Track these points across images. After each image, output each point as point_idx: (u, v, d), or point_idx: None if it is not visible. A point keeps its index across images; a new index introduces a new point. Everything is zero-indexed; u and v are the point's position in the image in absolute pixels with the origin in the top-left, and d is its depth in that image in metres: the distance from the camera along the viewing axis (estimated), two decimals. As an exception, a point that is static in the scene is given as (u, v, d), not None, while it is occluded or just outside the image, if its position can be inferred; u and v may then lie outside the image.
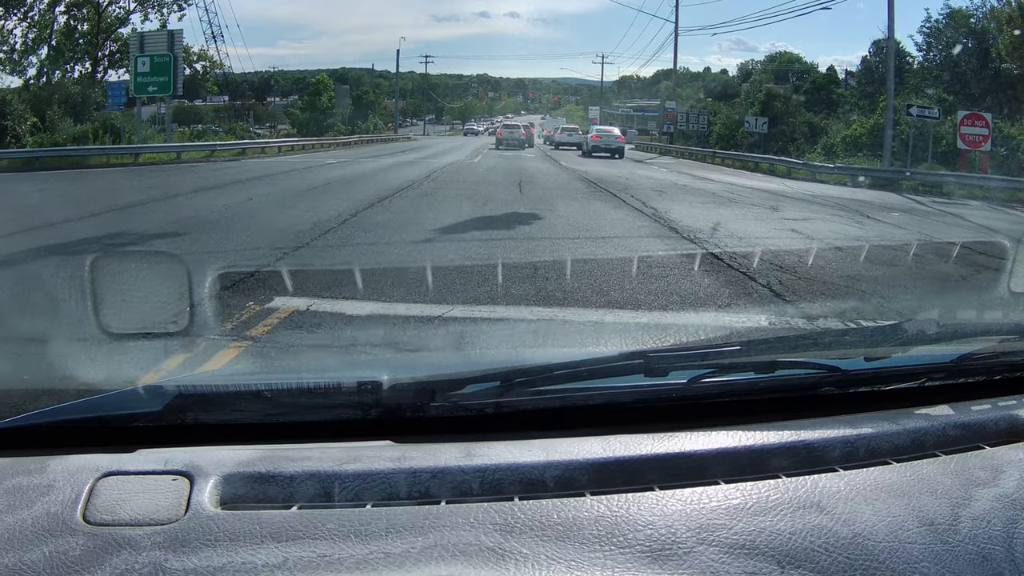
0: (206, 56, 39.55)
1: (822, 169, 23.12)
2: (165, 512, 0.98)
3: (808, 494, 1.06)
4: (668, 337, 4.22)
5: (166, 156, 23.13)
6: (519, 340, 4.13)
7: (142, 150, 22.72)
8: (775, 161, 25.93)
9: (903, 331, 1.69)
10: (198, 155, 24.19)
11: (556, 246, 6.94)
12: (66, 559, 0.90)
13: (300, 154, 28.58)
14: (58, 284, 4.92)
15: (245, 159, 24.45)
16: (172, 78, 26.48)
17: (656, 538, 0.96)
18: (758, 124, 32.03)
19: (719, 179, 20.11)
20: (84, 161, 20.26)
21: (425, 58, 72.70)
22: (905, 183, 20.44)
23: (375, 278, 5.30)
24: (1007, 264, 6.25)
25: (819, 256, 7.04)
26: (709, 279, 5.96)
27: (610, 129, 34.63)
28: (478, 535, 0.95)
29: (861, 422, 1.26)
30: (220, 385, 1.27)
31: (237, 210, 9.97)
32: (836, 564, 0.93)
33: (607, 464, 1.11)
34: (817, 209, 12.91)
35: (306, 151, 30.52)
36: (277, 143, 31.36)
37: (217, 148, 25.36)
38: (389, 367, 1.39)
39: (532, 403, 1.28)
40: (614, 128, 35.20)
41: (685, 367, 1.37)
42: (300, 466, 1.07)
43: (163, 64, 26.47)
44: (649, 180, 18.22)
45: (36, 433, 1.17)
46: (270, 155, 27.01)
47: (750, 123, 32.51)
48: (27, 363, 2.71)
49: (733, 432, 1.20)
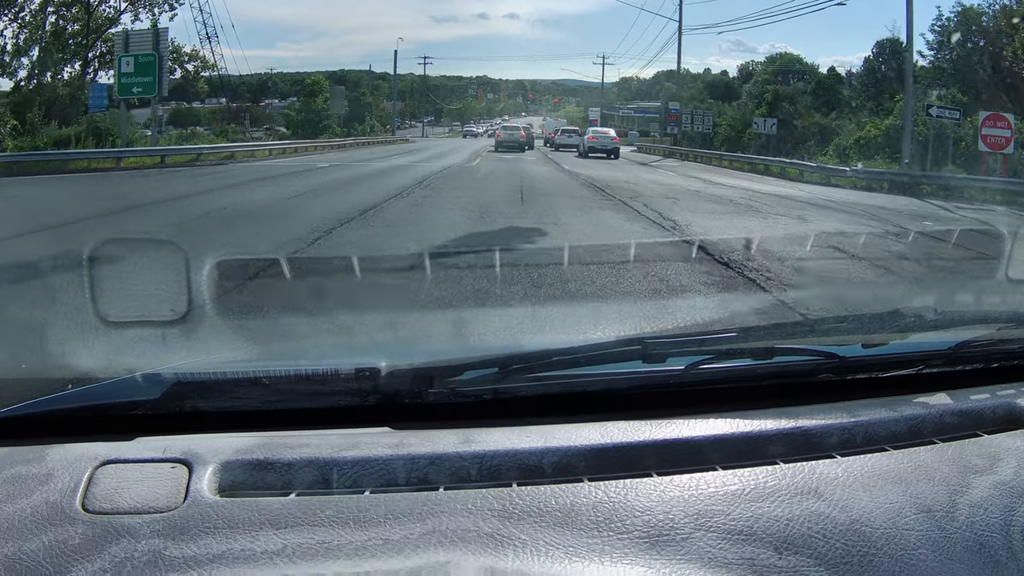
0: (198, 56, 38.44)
1: (837, 173, 21.97)
2: (164, 500, 0.99)
3: (805, 480, 1.07)
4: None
5: (150, 160, 22.02)
6: (517, 327, 3.87)
7: (124, 154, 21.67)
8: (787, 164, 24.72)
9: (901, 318, 1.71)
10: (183, 159, 23.10)
11: (567, 276, 5.75)
12: (65, 548, 0.91)
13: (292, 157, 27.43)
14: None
15: (233, 163, 23.24)
16: (157, 78, 25.43)
17: (654, 524, 0.97)
18: (767, 125, 30.99)
19: (731, 183, 18.97)
20: (65, 166, 19.38)
21: (424, 59, 71.38)
22: (925, 187, 19.36)
23: (332, 329, 4.01)
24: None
25: (902, 294, 5.88)
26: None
27: (606, 131, 35.29)
28: (476, 521, 0.96)
29: (859, 409, 1.27)
30: (218, 372, 1.26)
31: (195, 225, 8.72)
32: (833, 550, 0.94)
33: (605, 450, 1.12)
34: (846, 219, 11.71)
35: (299, 154, 29.41)
36: (268, 146, 30.23)
37: (204, 152, 24.20)
38: (387, 353, 1.32)
39: (530, 389, 1.28)
40: (609, 130, 35.85)
41: (683, 353, 1.38)
42: (298, 453, 1.07)
43: (148, 64, 25.40)
44: (658, 186, 17.06)
45: (35, 422, 1.17)
46: (260, 158, 25.83)
47: (758, 124, 31.46)
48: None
49: (731, 418, 1.21)
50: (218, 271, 4.32)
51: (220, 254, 5.93)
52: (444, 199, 12.16)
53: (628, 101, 61.12)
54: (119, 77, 25.87)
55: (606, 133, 34.12)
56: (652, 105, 57.21)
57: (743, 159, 28.39)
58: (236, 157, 25.12)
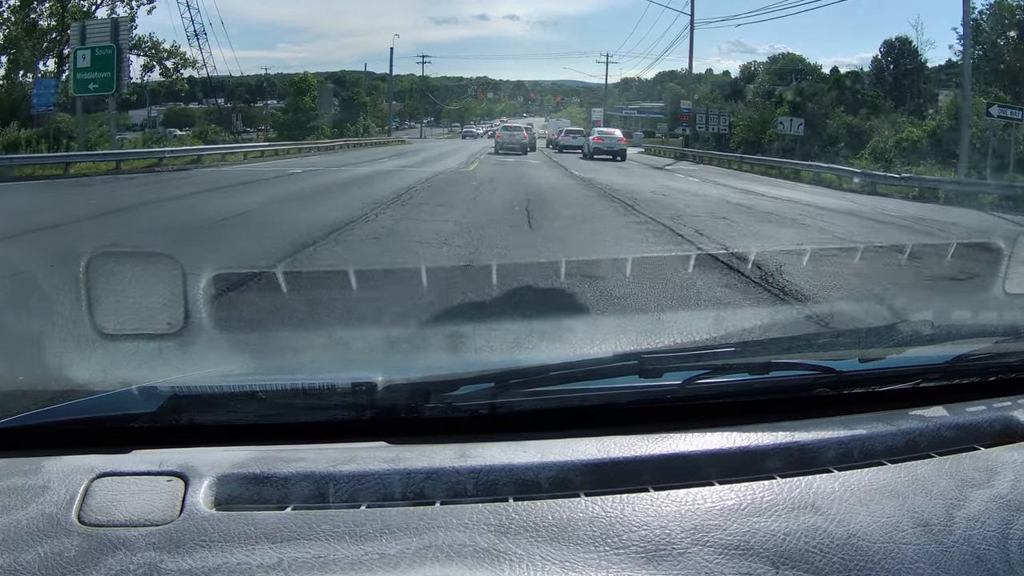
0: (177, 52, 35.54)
1: (886, 180, 19.08)
2: (160, 513, 0.99)
3: (803, 495, 1.07)
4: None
5: (105, 165, 19.30)
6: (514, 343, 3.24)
7: (72, 159, 19.07)
8: (823, 169, 21.79)
9: (898, 332, 1.73)
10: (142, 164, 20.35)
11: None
12: (61, 560, 0.91)
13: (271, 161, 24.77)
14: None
15: (199, 168, 20.52)
16: (115, 73, 22.54)
17: (651, 539, 0.97)
18: (793, 126, 28.14)
19: (770, 193, 16.18)
20: (8, 172, 17.08)
21: (422, 58, 68.14)
22: (986, 197, 16.55)
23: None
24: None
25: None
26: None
27: (611, 131, 33.29)
28: (473, 536, 0.95)
29: (856, 423, 1.26)
30: (215, 386, 1.26)
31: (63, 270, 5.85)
32: (831, 565, 0.94)
33: (602, 465, 1.12)
34: (943, 248, 8.69)
35: (279, 157, 26.75)
36: (244, 149, 27.26)
37: (166, 156, 21.27)
38: (384, 368, 1.32)
39: (527, 404, 1.28)
40: (615, 130, 33.86)
41: (680, 368, 1.37)
42: (295, 467, 1.07)
43: (105, 58, 22.57)
44: (692, 197, 14.11)
45: (31, 434, 1.17)
46: (232, 162, 23.02)
47: (784, 124, 28.58)
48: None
49: (728, 433, 1.21)
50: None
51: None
52: (425, 222, 8.92)
53: (629, 102, 58.97)
54: (74, 72, 23.05)
55: (612, 134, 32.03)
56: (655, 105, 55.37)
57: (770, 163, 25.38)
58: (203, 161, 22.33)
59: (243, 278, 4.96)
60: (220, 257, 6.24)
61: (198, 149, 24.30)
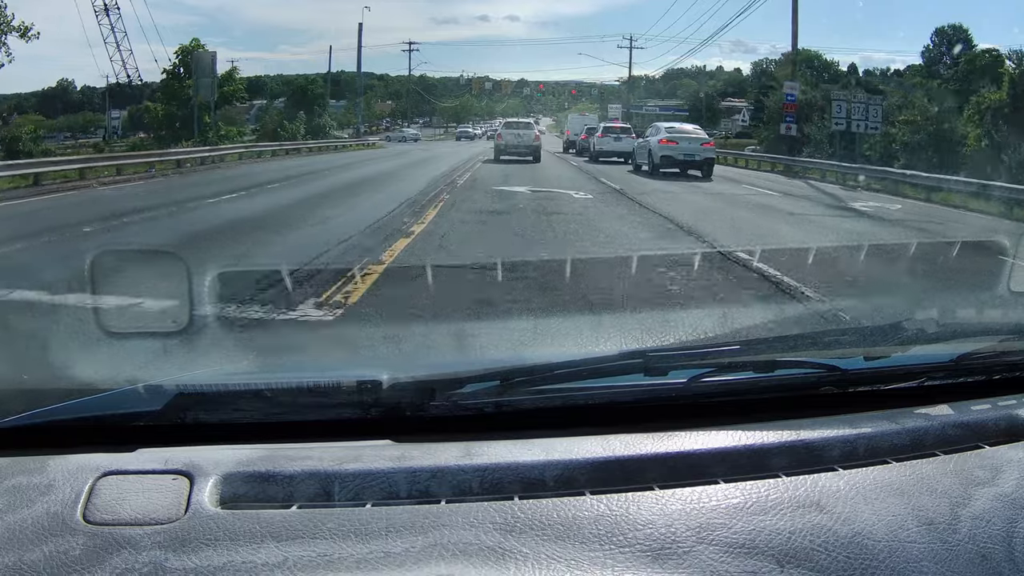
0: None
1: None
2: (165, 511, 0.99)
3: (808, 493, 1.07)
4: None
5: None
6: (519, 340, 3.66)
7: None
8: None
9: (903, 330, 1.69)
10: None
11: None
12: (66, 559, 0.91)
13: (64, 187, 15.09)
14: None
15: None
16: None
17: (656, 537, 0.97)
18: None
19: None
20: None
21: (409, 44, 58.71)
22: None
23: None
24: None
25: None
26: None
27: (687, 128, 21.15)
28: (478, 534, 0.96)
29: (860, 421, 1.26)
30: (220, 384, 1.26)
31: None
32: (836, 563, 0.94)
33: (607, 463, 1.11)
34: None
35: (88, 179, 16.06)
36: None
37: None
38: (389, 366, 1.30)
39: (532, 402, 1.28)
40: (693, 126, 22.01)
41: (685, 366, 1.37)
42: (300, 465, 1.08)
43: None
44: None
45: (36, 432, 1.17)
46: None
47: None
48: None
49: (733, 431, 1.21)
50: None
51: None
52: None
53: (640, 100, 54.33)
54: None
55: (688, 133, 20.34)
56: (680, 103, 51.82)
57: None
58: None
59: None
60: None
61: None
